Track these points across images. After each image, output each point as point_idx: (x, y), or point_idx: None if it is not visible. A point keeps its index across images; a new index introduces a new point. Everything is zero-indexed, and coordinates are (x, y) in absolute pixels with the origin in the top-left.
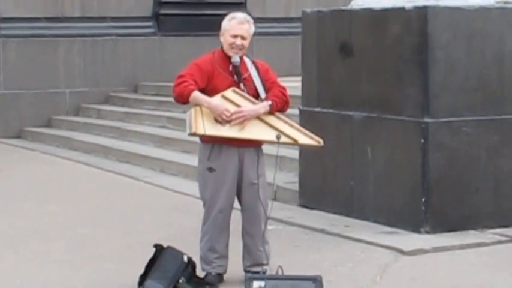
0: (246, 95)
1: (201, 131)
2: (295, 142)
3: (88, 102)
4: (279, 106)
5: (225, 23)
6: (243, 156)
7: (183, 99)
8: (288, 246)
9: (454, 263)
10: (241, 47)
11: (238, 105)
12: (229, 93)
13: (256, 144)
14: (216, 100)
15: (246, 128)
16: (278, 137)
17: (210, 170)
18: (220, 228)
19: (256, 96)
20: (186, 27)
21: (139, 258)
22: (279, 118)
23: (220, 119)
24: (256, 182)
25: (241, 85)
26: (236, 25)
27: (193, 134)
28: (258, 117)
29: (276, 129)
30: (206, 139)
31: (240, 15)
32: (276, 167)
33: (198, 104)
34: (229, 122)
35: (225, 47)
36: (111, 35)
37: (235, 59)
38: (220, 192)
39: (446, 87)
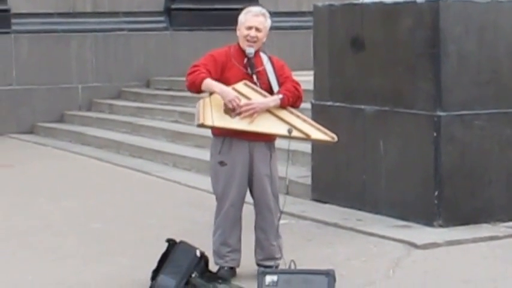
0: (257, 88)
1: (209, 122)
2: (307, 137)
3: (100, 98)
4: (291, 101)
5: (241, 17)
6: (254, 150)
7: (195, 87)
8: (301, 241)
9: (466, 257)
10: (256, 39)
11: (248, 98)
12: (240, 86)
13: (267, 139)
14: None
15: (256, 121)
16: (290, 131)
17: (221, 163)
18: (232, 222)
19: (270, 90)
20: (198, 21)
21: (151, 253)
22: (291, 113)
23: (230, 106)
24: (267, 176)
25: (254, 78)
26: (251, 17)
27: (202, 125)
28: (270, 111)
29: (288, 123)
30: (217, 132)
31: (255, 9)
32: (288, 161)
33: (210, 91)
34: (239, 114)
35: (240, 41)
36: (123, 30)
37: (250, 50)
38: (231, 186)
39: (458, 80)
